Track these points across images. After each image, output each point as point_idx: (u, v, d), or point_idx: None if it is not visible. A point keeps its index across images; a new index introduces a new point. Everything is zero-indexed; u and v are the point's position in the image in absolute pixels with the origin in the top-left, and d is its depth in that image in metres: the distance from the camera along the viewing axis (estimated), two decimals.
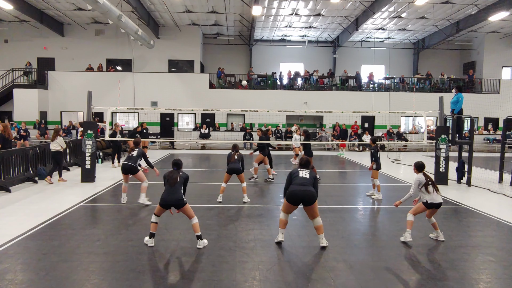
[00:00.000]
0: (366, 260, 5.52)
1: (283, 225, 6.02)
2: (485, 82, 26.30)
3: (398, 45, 29.38)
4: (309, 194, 5.68)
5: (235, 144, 9.35)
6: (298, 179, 5.82)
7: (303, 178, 5.81)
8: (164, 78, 25.04)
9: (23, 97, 23.09)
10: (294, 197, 5.71)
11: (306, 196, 5.67)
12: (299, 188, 5.70)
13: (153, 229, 5.92)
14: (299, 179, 5.80)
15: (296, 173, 5.94)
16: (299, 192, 5.68)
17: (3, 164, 9.89)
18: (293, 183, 5.82)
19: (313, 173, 6.01)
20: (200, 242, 5.87)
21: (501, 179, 11.81)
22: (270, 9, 22.30)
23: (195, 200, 9.15)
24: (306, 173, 5.91)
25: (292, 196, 5.72)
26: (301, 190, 5.68)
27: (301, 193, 5.67)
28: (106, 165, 14.71)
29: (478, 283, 4.82)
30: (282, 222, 6.01)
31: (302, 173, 5.92)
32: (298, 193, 5.68)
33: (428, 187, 6.13)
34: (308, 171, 5.99)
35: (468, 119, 13.84)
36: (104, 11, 17.12)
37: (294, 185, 5.78)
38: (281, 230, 6.05)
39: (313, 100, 24.73)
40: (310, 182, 5.80)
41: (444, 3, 20.73)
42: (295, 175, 5.92)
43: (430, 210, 6.25)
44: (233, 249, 5.82)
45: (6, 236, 6.15)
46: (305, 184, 5.73)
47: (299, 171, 5.96)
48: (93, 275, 4.84)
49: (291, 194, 5.73)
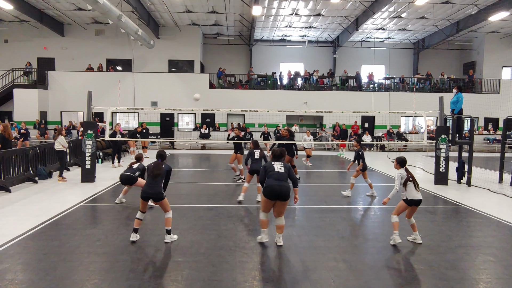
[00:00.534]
0: (366, 260, 5.52)
1: (265, 225, 5.98)
2: (485, 82, 26.30)
3: (398, 45, 29.38)
4: (286, 189, 5.69)
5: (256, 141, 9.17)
6: (274, 174, 5.78)
7: (279, 173, 5.78)
8: (164, 78, 25.04)
9: (23, 97, 23.10)
10: (272, 192, 5.67)
11: (282, 192, 5.67)
12: (277, 183, 5.68)
13: (136, 224, 6.03)
14: (275, 174, 5.77)
15: (271, 168, 5.86)
16: (277, 187, 5.66)
17: (3, 164, 9.88)
18: (270, 178, 5.78)
19: (287, 165, 5.94)
20: (167, 237, 6.03)
21: (501, 179, 11.81)
22: (270, 9, 22.30)
23: (195, 200, 9.16)
24: (281, 167, 5.86)
25: (271, 191, 5.68)
26: (278, 185, 5.67)
27: (279, 188, 5.65)
28: (106, 165, 14.71)
29: (478, 283, 4.82)
30: (264, 222, 5.96)
31: (277, 167, 5.85)
32: (276, 188, 5.65)
33: (407, 184, 6.06)
34: (282, 163, 5.94)
35: (468, 119, 13.84)
36: (104, 11, 17.12)
37: (271, 179, 5.75)
38: (263, 230, 6.00)
39: (313, 100, 24.74)
40: (285, 176, 5.79)
41: (444, 3, 20.73)
42: (270, 170, 5.85)
43: (411, 208, 6.16)
44: (233, 249, 5.82)
45: (6, 236, 6.15)
46: (281, 179, 5.73)
47: (273, 165, 5.88)
48: (93, 275, 4.84)
49: (269, 189, 5.69)
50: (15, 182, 10.33)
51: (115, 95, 22.49)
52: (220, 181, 11.80)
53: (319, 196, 9.80)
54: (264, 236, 6.02)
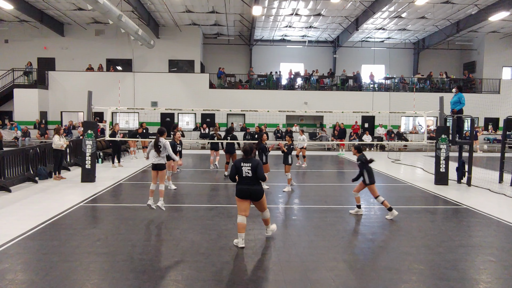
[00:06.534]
0: (366, 260, 5.51)
1: (242, 229, 5.84)
2: (485, 82, 26.29)
3: (398, 45, 29.37)
4: (256, 191, 5.88)
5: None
6: (242, 178, 5.88)
7: (247, 178, 5.85)
8: (164, 78, 25.04)
9: (24, 97, 23.10)
10: (242, 193, 5.89)
11: (253, 194, 5.88)
12: (245, 187, 5.87)
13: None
14: (243, 179, 5.87)
15: (240, 170, 5.87)
16: (246, 190, 5.87)
17: (3, 164, 9.88)
18: (239, 181, 5.92)
19: (255, 163, 5.85)
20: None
21: (501, 179, 11.80)
22: (270, 9, 22.30)
23: (195, 200, 9.16)
24: (248, 171, 5.82)
25: (240, 192, 5.89)
26: (247, 189, 5.87)
27: (248, 191, 5.87)
28: (106, 165, 14.71)
29: (478, 283, 4.82)
30: (240, 226, 5.84)
31: (245, 170, 5.84)
32: (245, 191, 5.87)
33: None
34: (250, 164, 5.83)
35: (469, 119, 13.83)
36: (104, 11, 17.12)
37: (240, 184, 5.91)
38: (240, 235, 5.84)
39: (313, 100, 24.73)
40: (253, 179, 5.84)
41: (444, 3, 20.72)
42: (239, 171, 5.89)
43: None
44: (233, 249, 5.82)
45: (6, 236, 6.15)
46: (249, 184, 5.86)
47: (242, 168, 5.86)
48: (93, 275, 4.84)
49: (239, 191, 5.90)
50: (15, 182, 10.32)
51: (115, 95, 22.48)
52: (220, 181, 11.81)
53: (319, 196, 9.79)
54: (240, 241, 5.84)
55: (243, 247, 5.83)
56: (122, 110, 20.34)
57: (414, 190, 10.79)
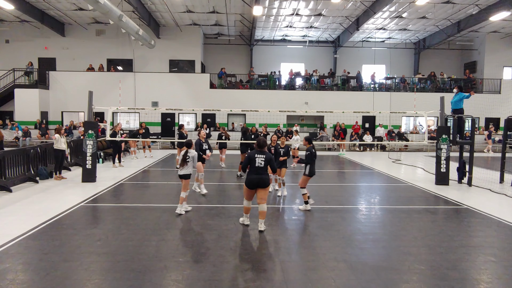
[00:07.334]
0: (367, 260, 5.51)
1: (247, 211, 6.96)
2: (486, 82, 26.26)
3: (399, 45, 29.35)
4: (264, 180, 6.65)
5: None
6: (254, 168, 6.65)
7: (258, 168, 6.65)
8: (165, 78, 25.05)
9: (24, 97, 23.13)
10: (251, 182, 6.65)
11: (261, 182, 6.64)
12: (256, 176, 6.63)
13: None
14: (255, 169, 6.65)
15: (254, 160, 6.66)
16: (256, 179, 6.63)
17: (4, 164, 9.90)
18: (251, 170, 6.67)
19: (268, 156, 6.69)
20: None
21: (502, 179, 11.79)
22: (271, 9, 22.30)
23: (195, 200, 9.16)
24: (261, 161, 6.65)
25: (250, 182, 6.66)
26: (257, 178, 6.63)
27: (257, 179, 6.63)
28: (107, 165, 14.72)
29: (479, 283, 4.82)
30: (246, 208, 6.94)
31: (259, 161, 6.65)
32: (255, 180, 6.63)
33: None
34: (264, 156, 6.68)
35: (469, 119, 13.82)
36: (105, 11, 17.13)
37: (251, 173, 6.66)
38: (246, 215, 7.00)
39: (314, 100, 24.72)
40: (265, 169, 6.68)
41: (445, 3, 20.71)
42: (252, 162, 6.66)
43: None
44: (233, 249, 5.82)
45: (7, 236, 6.16)
46: (259, 173, 6.64)
47: (256, 158, 6.66)
48: (94, 275, 4.85)
49: (249, 181, 6.67)
50: (16, 182, 10.34)
51: (116, 95, 22.49)
52: (220, 181, 11.81)
53: (319, 196, 9.78)
54: (245, 219, 7.02)
55: (248, 224, 6.90)
56: (122, 110, 20.34)
57: (415, 190, 10.78)
